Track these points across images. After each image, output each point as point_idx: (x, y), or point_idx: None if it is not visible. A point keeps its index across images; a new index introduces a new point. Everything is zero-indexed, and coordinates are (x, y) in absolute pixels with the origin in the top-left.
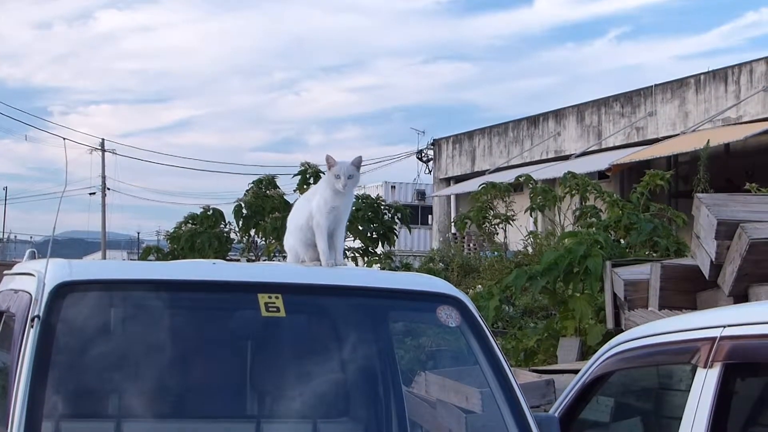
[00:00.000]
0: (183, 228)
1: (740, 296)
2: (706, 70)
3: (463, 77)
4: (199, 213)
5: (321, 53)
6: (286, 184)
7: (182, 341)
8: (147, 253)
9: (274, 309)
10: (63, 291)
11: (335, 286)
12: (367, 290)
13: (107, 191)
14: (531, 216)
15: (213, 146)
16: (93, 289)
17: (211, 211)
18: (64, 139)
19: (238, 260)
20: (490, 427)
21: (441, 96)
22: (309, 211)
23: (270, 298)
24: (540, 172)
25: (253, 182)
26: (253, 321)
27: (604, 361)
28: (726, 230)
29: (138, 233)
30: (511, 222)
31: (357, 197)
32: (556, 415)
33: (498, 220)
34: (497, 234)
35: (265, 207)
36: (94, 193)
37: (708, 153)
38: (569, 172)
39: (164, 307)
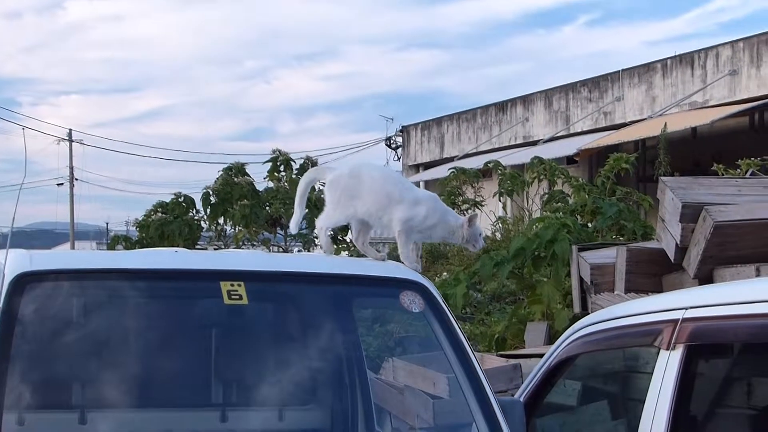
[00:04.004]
0: (153, 217)
1: (705, 279)
2: (673, 55)
3: (435, 64)
4: (169, 201)
5: (293, 41)
6: (257, 173)
7: (144, 330)
8: (115, 242)
9: (237, 296)
10: (23, 281)
11: (298, 273)
12: (329, 277)
13: (76, 182)
14: (500, 201)
15: (184, 136)
16: (53, 280)
17: (182, 198)
18: (23, 128)
19: (205, 249)
20: (454, 412)
21: (413, 83)
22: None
23: (232, 285)
24: (508, 158)
25: (223, 170)
26: (216, 309)
27: (569, 344)
28: (691, 213)
29: (107, 223)
30: (479, 208)
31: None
32: (521, 399)
33: (467, 206)
34: None
35: (233, 194)
36: (61, 184)
37: (674, 137)
38: (536, 158)
39: (126, 297)
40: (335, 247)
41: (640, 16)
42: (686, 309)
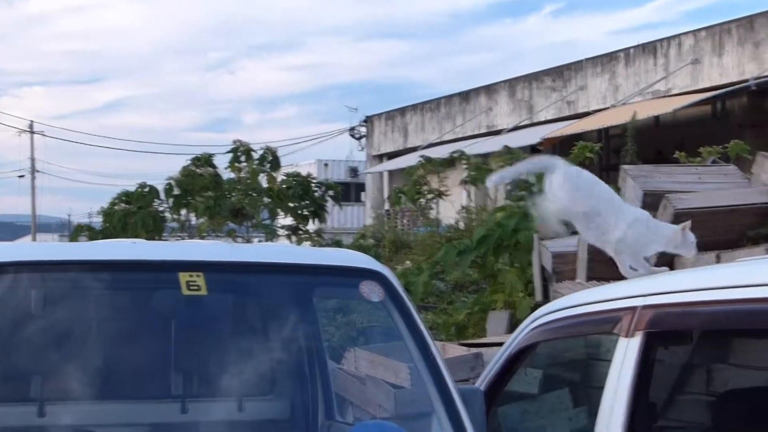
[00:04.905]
0: (116, 207)
1: (666, 266)
2: (636, 44)
3: (400, 54)
4: (133, 191)
5: (256, 32)
6: (220, 164)
7: (103, 322)
8: (78, 231)
9: (196, 287)
10: None
11: (256, 263)
12: (288, 267)
13: (37, 174)
14: (465, 189)
15: (148, 127)
16: (10, 271)
17: (147, 189)
18: None
19: (167, 240)
20: (415, 401)
21: (377, 73)
22: None
23: (191, 276)
24: (472, 147)
25: (190, 160)
26: (174, 300)
27: (529, 332)
28: (652, 201)
29: (69, 215)
30: (444, 197)
31: (287, 175)
32: (482, 387)
33: (432, 195)
34: (431, 209)
35: (194, 185)
36: (23, 176)
37: (638, 125)
38: (506, 147)
39: (84, 288)
40: (297, 236)
41: (605, 5)
42: (645, 296)
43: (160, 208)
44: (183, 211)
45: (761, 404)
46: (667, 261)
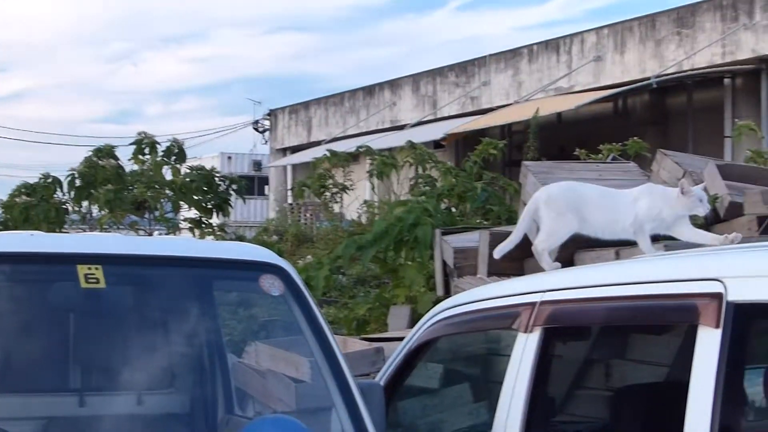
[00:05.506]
0: (17, 199)
1: (566, 262)
2: (539, 41)
3: (304, 48)
4: (34, 182)
5: (160, 23)
6: (124, 156)
7: (0, 314)
8: None
9: (94, 280)
10: None
11: (156, 256)
12: (188, 260)
13: None
14: (369, 182)
15: (50, 118)
16: None
17: (50, 179)
18: None
19: (68, 233)
20: (315, 396)
21: (282, 66)
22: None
23: (90, 269)
24: (376, 142)
25: (92, 151)
26: (72, 293)
27: (429, 327)
28: None
29: None
30: (348, 192)
31: (191, 168)
32: (381, 382)
33: (336, 189)
34: (336, 203)
35: (97, 177)
36: None
37: (540, 122)
38: (409, 142)
39: None
40: (200, 229)
41: (510, 1)
42: (544, 292)
43: (63, 200)
44: (85, 203)
45: (658, 399)
46: (568, 257)
